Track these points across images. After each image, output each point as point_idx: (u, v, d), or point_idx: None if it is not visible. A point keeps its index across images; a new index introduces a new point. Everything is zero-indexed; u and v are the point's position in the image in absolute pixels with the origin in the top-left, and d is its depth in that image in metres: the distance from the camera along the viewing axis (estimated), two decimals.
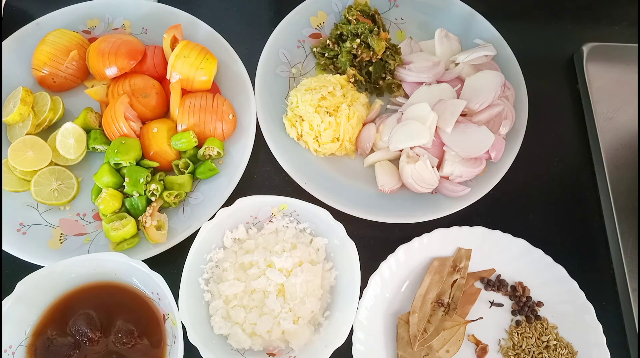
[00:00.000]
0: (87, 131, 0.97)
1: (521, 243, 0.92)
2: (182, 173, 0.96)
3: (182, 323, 0.77)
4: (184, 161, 0.96)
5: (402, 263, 0.91)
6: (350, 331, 0.81)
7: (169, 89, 0.98)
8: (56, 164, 0.96)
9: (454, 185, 0.95)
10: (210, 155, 0.96)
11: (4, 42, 1.03)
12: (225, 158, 0.98)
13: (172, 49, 0.99)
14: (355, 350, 0.83)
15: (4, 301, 0.75)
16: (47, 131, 0.98)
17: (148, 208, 0.91)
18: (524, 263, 0.92)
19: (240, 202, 0.87)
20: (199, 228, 0.85)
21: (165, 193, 0.93)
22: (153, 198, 0.92)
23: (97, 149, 0.97)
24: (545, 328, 0.90)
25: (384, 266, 0.89)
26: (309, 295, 0.84)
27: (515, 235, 0.92)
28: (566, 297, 0.90)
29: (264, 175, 1.02)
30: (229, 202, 0.89)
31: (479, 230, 0.92)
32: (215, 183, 0.96)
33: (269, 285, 0.84)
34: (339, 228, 0.86)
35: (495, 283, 0.93)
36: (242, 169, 0.96)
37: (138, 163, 0.94)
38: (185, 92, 1.00)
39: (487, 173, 0.98)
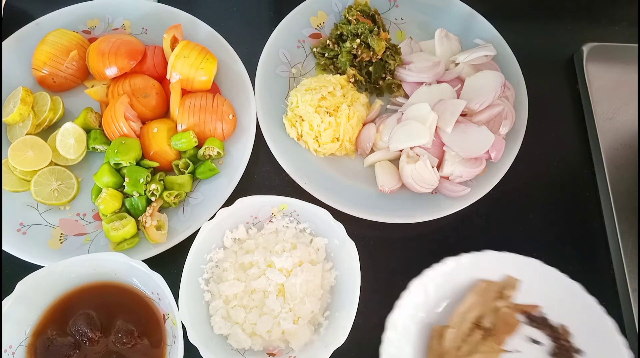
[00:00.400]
0: (87, 131, 0.97)
1: (575, 287, 0.88)
2: (182, 173, 0.96)
3: (182, 323, 0.77)
4: (184, 161, 0.96)
5: (446, 274, 0.88)
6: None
7: (169, 89, 0.98)
8: (56, 164, 0.96)
9: (454, 185, 0.95)
10: (210, 155, 0.96)
11: (4, 42, 1.03)
12: (225, 158, 0.98)
13: (172, 49, 0.99)
14: (385, 350, 0.82)
15: (4, 301, 0.75)
16: (47, 131, 0.98)
17: (148, 208, 0.91)
18: (572, 307, 0.88)
19: (240, 202, 0.87)
20: (199, 228, 0.85)
21: (165, 193, 0.93)
22: (153, 198, 0.92)
23: (97, 149, 0.97)
24: None
25: (428, 272, 0.87)
26: (309, 295, 0.84)
27: (515, 234, 0.92)
28: (609, 353, 0.85)
29: (264, 175, 1.02)
30: (229, 202, 0.89)
31: (534, 263, 0.89)
32: (215, 183, 0.96)
33: (269, 285, 0.84)
34: (339, 228, 0.86)
35: (538, 320, 0.89)
36: (242, 169, 0.96)
37: (138, 163, 0.94)
38: (185, 92, 1.00)
39: (487, 173, 0.98)
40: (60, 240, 0.92)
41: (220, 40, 1.06)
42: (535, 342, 0.88)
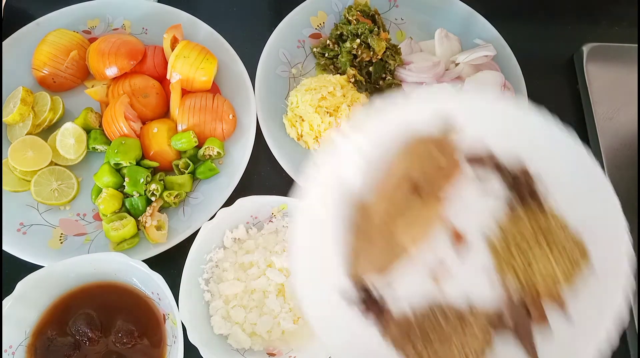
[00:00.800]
0: (87, 131, 0.97)
1: (537, 119, 0.69)
2: (182, 173, 0.96)
3: (182, 323, 0.77)
4: (184, 161, 0.96)
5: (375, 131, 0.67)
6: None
7: (169, 89, 0.98)
8: (56, 164, 0.96)
9: None
10: (210, 155, 0.96)
11: (4, 42, 1.03)
12: (225, 158, 0.98)
13: (172, 49, 0.99)
14: (297, 246, 0.62)
15: (4, 301, 0.75)
16: (47, 131, 0.98)
17: (148, 208, 0.91)
18: (529, 143, 0.68)
19: (240, 202, 0.87)
20: (199, 228, 0.85)
21: (165, 193, 0.93)
22: (153, 198, 0.92)
23: (97, 149, 0.97)
24: (546, 216, 0.67)
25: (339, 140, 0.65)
26: None
27: None
28: (579, 183, 0.67)
29: (264, 175, 1.02)
30: (229, 202, 0.89)
31: (474, 97, 0.69)
32: (215, 183, 0.96)
33: (269, 285, 0.84)
34: None
35: (484, 159, 0.69)
36: (242, 169, 0.96)
37: (138, 163, 0.94)
38: (185, 92, 1.00)
39: None
40: (60, 240, 0.92)
41: (220, 40, 1.06)
42: (481, 180, 0.68)
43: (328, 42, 1.07)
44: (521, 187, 0.67)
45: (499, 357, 0.62)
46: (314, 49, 1.09)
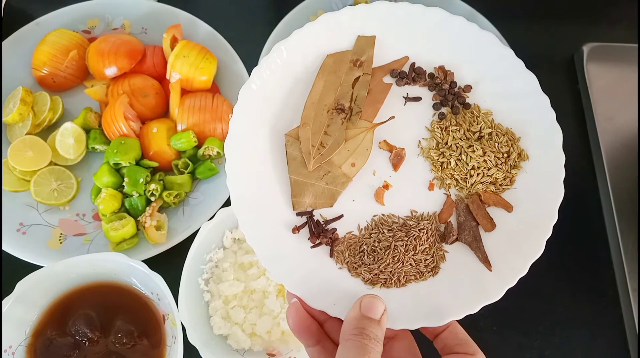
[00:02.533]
0: (87, 131, 0.97)
1: (436, 14, 0.67)
2: (181, 173, 0.96)
3: (182, 324, 0.77)
4: (184, 161, 0.95)
5: (285, 66, 0.66)
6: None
7: (169, 89, 0.98)
8: (56, 164, 0.96)
9: None
10: (210, 155, 0.96)
11: (4, 42, 1.03)
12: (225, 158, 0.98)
13: (172, 49, 0.99)
14: (236, 197, 0.60)
15: (4, 301, 0.75)
16: (46, 131, 0.98)
17: (148, 208, 0.91)
18: (442, 40, 0.67)
19: None
20: (199, 228, 0.85)
21: (164, 193, 0.93)
22: (153, 198, 0.92)
23: (96, 149, 0.96)
24: (477, 117, 0.66)
25: (263, 67, 0.65)
26: None
27: None
28: (500, 73, 0.66)
29: None
30: (228, 202, 0.89)
31: (381, 6, 0.66)
32: (215, 183, 0.96)
33: (268, 285, 0.84)
34: None
35: (410, 74, 0.68)
36: None
37: (138, 163, 0.94)
38: (185, 92, 1.00)
39: None
40: (60, 240, 0.92)
41: (220, 40, 1.06)
42: (412, 99, 0.68)
43: None
44: (441, 88, 0.67)
45: (449, 261, 0.62)
46: None
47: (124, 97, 0.95)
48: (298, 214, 0.64)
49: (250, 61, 1.04)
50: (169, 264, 0.88)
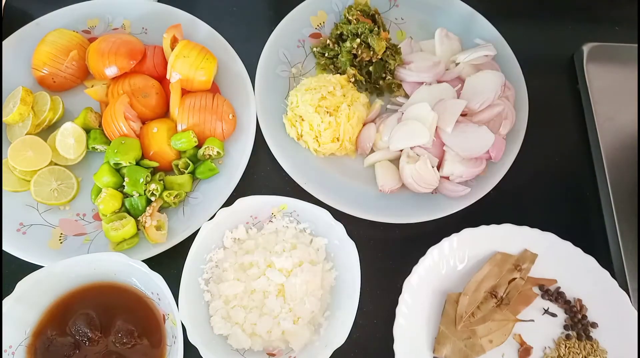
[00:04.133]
0: (87, 131, 0.97)
1: (589, 261, 0.90)
2: (182, 173, 0.96)
3: (182, 324, 0.77)
4: (184, 161, 0.95)
5: (462, 247, 0.91)
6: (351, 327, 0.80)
7: (169, 89, 0.98)
8: (56, 164, 0.96)
9: (454, 185, 0.95)
10: (210, 155, 0.96)
11: (4, 42, 1.03)
12: (225, 158, 0.98)
13: (172, 49, 0.99)
14: (397, 324, 0.84)
15: (4, 301, 0.75)
16: (47, 131, 0.98)
17: (148, 208, 0.91)
18: (588, 281, 0.90)
19: (240, 202, 0.87)
20: (199, 228, 0.85)
21: (165, 193, 0.92)
22: (153, 198, 0.92)
23: (97, 149, 0.96)
24: (595, 350, 0.88)
25: (445, 243, 0.89)
26: (309, 295, 0.84)
27: None
28: (623, 326, 0.87)
29: (264, 175, 1.02)
30: (229, 202, 0.89)
31: (550, 237, 0.91)
32: (215, 183, 0.96)
33: (269, 285, 0.84)
34: (339, 228, 0.86)
35: (554, 294, 0.91)
36: (242, 169, 0.96)
37: (138, 163, 0.94)
38: (185, 92, 1.00)
39: (488, 173, 0.98)
40: (60, 240, 0.92)
41: (220, 40, 1.06)
42: (551, 313, 0.90)
43: (328, 41, 1.07)
44: (575, 315, 0.89)
45: None
46: (314, 49, 1.09)
47: (124, 97, 0.95)
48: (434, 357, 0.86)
49: (250, 61, 1.04)
50: (169, 264, 0.88)
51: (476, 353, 0.85)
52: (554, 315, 0.91)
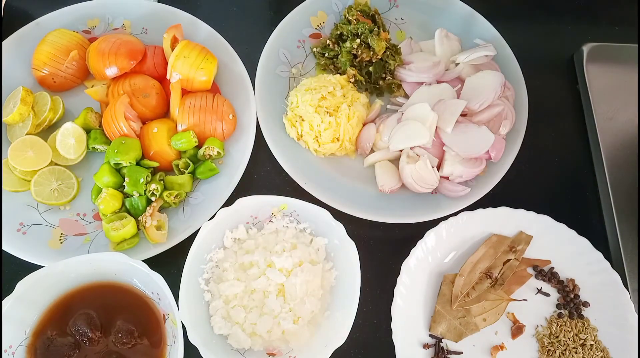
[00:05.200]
0: (87, 131, 0.97)
1: (583, 242, 0.92)
2: (182, 173, 0.96)
3: (182, 323, 0.77)
4: (184, 161, 0.96)
5: (459, 230, 0.93)
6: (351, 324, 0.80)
7: (169, 89, 0.98)
8: (56, 164, 0.96)
9: (454, 185, 0.95)
10: (210, 155, 0.96)
11: (4, 42, 1.03)
12: (225, 158, 0.98)
13: (172, 49, 0.99)
14: (395, 304, 0.86)
15: (4, 301, 0.75)
16: (47, 131, 0.98)
17: (148, 208, 0.91)
18: (581, 262, 0.93)
19: (240, 202, 0.87)
20: (199, 228, 0.85)
21: (165, 193, 0.93)
22: (153, 198, 0.92)
23: (97, 149, 0.97)
24: (586, 328, 0.90)
25: (442, 226, 0.91)
26: (309, 295, 0.84)
27: None
28: (615, 304, 0.90)
29: (264, 175, 1.02)
30: (229, 202, 0.89)
31: (544, 219, 0.93)
32: (215, 183, 0.96)
33: (269, 285, 0.84)
34: (339, 228, 0.86)
35: (547, 274, 0.94)
36: (242, 169, 0.96)
37: (138, 163, 0.94)
38: (185, 92, 1.00)
39: (487, 173, 0.98)
40: (60, 240, 0.92)
41: (220, 40, 1.06)
42: (544, 293, 0.93)
43: (328, 42, 1.07)
44: (568, 295, 0.92)
45: None
46: (314, 49, 1.09)
47: (124, 98, 0.95)
48: (431, 335, 0.88)
49: (250, 61, 1.04)
50: (170, 264, 0.89)
51: (470, 330, 0.88)
52: (547, 294, 0.93)
